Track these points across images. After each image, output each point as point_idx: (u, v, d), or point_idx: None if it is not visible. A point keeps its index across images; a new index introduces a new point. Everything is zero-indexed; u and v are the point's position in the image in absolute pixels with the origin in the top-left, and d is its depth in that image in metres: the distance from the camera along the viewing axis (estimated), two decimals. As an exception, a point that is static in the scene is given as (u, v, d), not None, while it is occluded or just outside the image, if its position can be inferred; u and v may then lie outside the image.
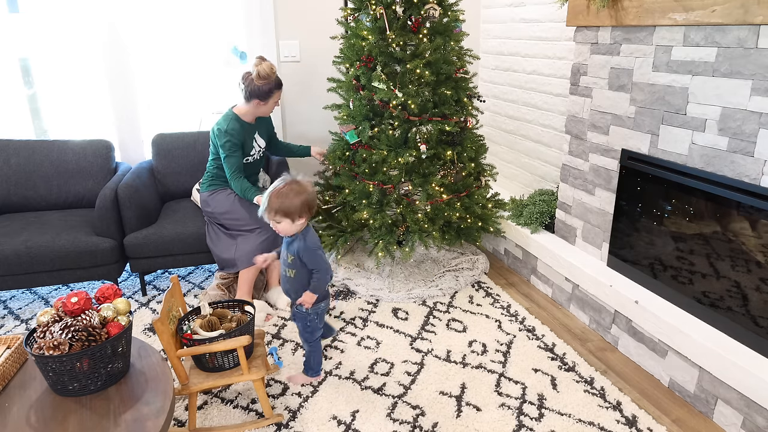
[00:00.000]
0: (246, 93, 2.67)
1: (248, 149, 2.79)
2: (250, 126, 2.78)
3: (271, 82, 2.66)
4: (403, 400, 2.15)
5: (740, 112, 1.90)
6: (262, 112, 2.78)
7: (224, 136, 2.64)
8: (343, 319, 2.75)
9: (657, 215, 2.35)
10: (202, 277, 3.27)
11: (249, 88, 2.64)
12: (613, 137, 2.51)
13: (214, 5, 3.46)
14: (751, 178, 1.89)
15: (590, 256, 2.76)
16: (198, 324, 1.96)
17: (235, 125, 2.68)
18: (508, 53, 3.74)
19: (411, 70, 2.67)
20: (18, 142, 3.13)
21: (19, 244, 2.68)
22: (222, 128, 2.65)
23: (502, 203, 3.28)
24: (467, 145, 2.93)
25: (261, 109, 2.75)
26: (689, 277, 2.22)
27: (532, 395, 2.17)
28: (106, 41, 3.29)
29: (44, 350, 1.52)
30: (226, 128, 2.65)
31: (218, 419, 2.06)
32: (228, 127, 2.65)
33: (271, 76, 2.65)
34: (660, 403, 2.13)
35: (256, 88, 2.63)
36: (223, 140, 2.64)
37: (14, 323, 2.78)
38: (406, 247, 2.86)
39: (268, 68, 2.64)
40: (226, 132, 2.64)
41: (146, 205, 2.98)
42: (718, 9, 1.88)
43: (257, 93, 2.65)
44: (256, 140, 2.83)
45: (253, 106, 2.71)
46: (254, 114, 2.78)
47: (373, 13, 2.72)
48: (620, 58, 2.40)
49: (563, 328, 2.66)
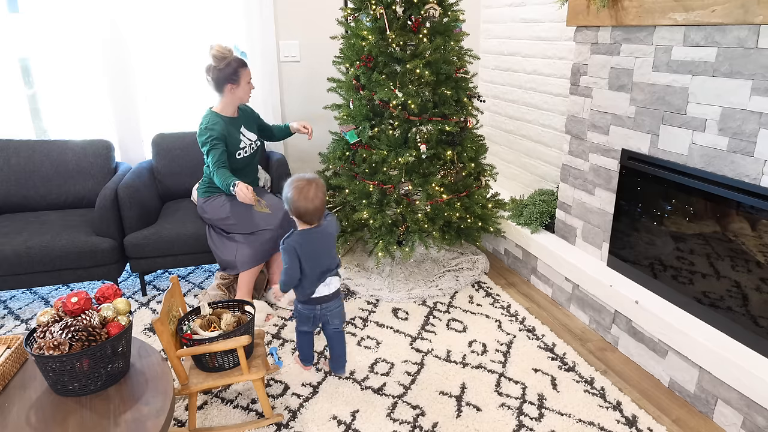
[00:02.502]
0: (215, 84, 2.64)
1: (236, 143, 2.72)
2: (233, 119, 2.73)
3: (231, 61, 2.60)
4: (403, 400, 2.15)
5: (740, 112, 1.90)
6: (239, 97, 2.70)
7: (205, 132, 2.61)
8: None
9: (657, 215, 2.35)
10: (202, 277, 3.27)
11: (215, 76, 2.61)
12: (613, 137, 2.51)
13: (215, 5, 3.46)
14: (751, 178, 1.89)
15: (590, 256, 2.76)
16: (198, 324, 1.96)
17: (216, 120, 2.65)
18: (508, 53, 3.74)
19: (411, 70, 2.67)
20: (18, 142, 3.13)
21: (19, 244, 2.68)
22: (203, 125, 2.64)
23: (502, 203, 3.28)
24: (467, 145, 2.93)
25: (237, 94, 2.68)
26: (689, 277, 2.22)
27: (532, 395, 2.17)
28: (106, 41, 3.28)
29: (44, 350, 1.52)
30: (207, 124, 2.63)
31: (218, 419, 2.06)
32: (208, 123, 2.63)
33: (228, 55, 2.60)
34: (660, 403, 2.13)
35: (219, 72, 2.60)
36: (205, 136, 2.61)
37: (14, 323, 2.78)
38: (406, 247, 2.86)
39: (221, 49, 2.58)
40: (206, 128, 2.62)
41: (146, 205, 2.98)
42: (718, 9, 1.88)
43: (225, 77, 2.61)
44: (243, 134, 2.78)
45: (228, 93, 2.66)
46: (233, 103, 2.72)
47: (373, 13, 2.72)
48: (620, 58, 2.40)
49: (563, 328, 2.66)
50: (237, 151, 2.74)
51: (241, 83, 2.66)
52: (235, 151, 2.73)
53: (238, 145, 2.74)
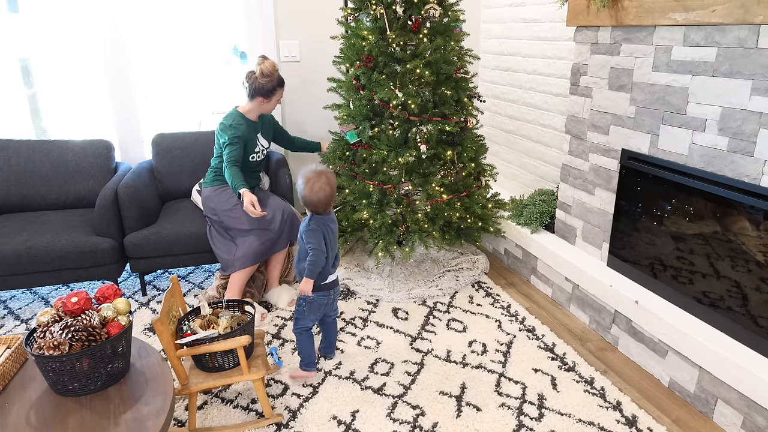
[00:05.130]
0: (250, 91, 2.73)
1: (252, 146, 2.82)
2: (254, 124, 2.82)
3: (274, 80, 2.72)
4: (403, 400, 2.15)
5: (740, 112, 1.90)
6: (265, 109, 2.83)
7: (230, 129, 2.70)
8: (344, 319, 2.75)
9: (657, 215, 2.35)
10: (202, 277, 3.27)
11: (253, 86, 2.71)
12: (613, 137, 2.51)
13: (215, 5, 3.46)
14: (751, 178, 1.89)
15: (590, 256, 2.76)
16: (198, 324, 1.97)
17: (241, 121, 2.74)
18: (508, 53, 3.74)
19: (411, 70, 2.67)
20: (18, 142, 3.13)
21: (19, 244, 2.68)
22: (227, 123, 2.72)
23: (502, 203, 3.28)
24: (467, 145, 2.93)
25: (264, 107, 2.80)
26: (689, 277, 2.22)
27: (532, 395, 2.17)
28: (106, 41, 3.28)
29: (44, 350, 1.52)
30: (232, 122, 2.72)
31: (218, 419, 2.06)
32: (234, 122, 2.72)
33: (274, 74, 2.72)
34: (660, 403, 2.13)
35: (259, 85, 2.69)
36: (229, 133, 2.69)
37: (14, 323, 2.78)
38: (406, 247, 2.86)
39: (271, 66, 2.71)
40: (231, 126, 2.71)
41: (146, 205, 2.98)
42: (718, 9, 1.88)
43: (261, 91, 2.71)
44: (258, 139, 2.85)
45: (257, 104, 2.76)
46: (258, 111, 2.82)
47: (373, 13, 2.72)
48: (620, 58, 2.40)
49: (563, 328, 2.66)
50: (251, 154, 2.82)
51: (272, 100, 2.79)
52: (249, 154, 2.81)
53: (253, 149, 2.83)
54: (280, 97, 2.83)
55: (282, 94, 2.82)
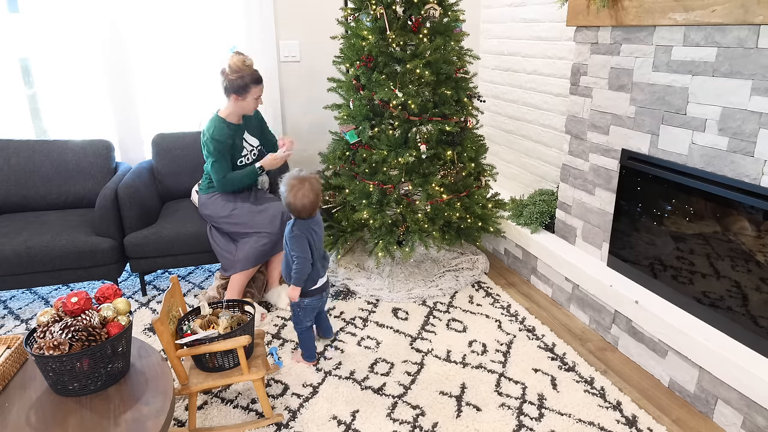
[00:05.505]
0: (223, 89, 2.65)
1: (239, 150, 2.77)
2: (237, 126, 2.75)
3: (245, 76, 2.60)
4: (403, 400, 2.15)
5: (740, 112, 1.90)
6: (244, 108, 2.71)
7: (212, 143, 2.63)
8: (343, 319, 2.75)
9: (657, 215, 2.35)
10: (202, 277, 3.27)
11: (224, 84, 2.63)
12: (613, 137, 2.51)
13: (215, 5, 3.45)
14: (751, 178, 1.89)
15: (590, 256, 2.76)
16: (198, 324, 1.96)
17: (223, 129, 2.66)
18: (508, 53, 3.74)
19: (411, 70, 2.67)
20: (18, 142, 3.13)
21: (19, 244, 2.68)
22: (209, 134, 2.64)
23: (502, 203, 3.28)
24: (467, 145, 2.93)
25: (241, 105, 2.68)
26: (689, 277, 2.22)
27: (532, 395, 2.17)
28: (106, 41, 3.28)
29: (44, 350, 1.52)
30: (214, 134, 2.63)
31: (218, 419, 2.06)
32: (215, 133, 2.63)
33: (243, 69, 2.60)
34: (660, 403, 2.13)
35: (230, 82, 2.61)
36: (211, 147, 2.63)
37: (14, 323, 2.78)
38: (406, 247, 2.86)
39: (239, 61, 2.59)
40: (213, 139, 2.63)
41: (146, 205, 2.98)
42: (718, 9, 1.88)
43: (233, 88, 2.62)
44: (246, 140, 2.80)
45: (233, 102, 2.67)
46: (237, 113, 2.73)
47: (373, 13, 2.72)
48: (620, 58, 2.40)
49: (563, 328, 2.66)
50: (239, 158, 2.79)
51: (247, 98, 2.66)
52: (237, 159, 2.78)
53: (240, 153, 2.79)
54: (258, 96, 2.69)
55: (260, 92, 2.69)
